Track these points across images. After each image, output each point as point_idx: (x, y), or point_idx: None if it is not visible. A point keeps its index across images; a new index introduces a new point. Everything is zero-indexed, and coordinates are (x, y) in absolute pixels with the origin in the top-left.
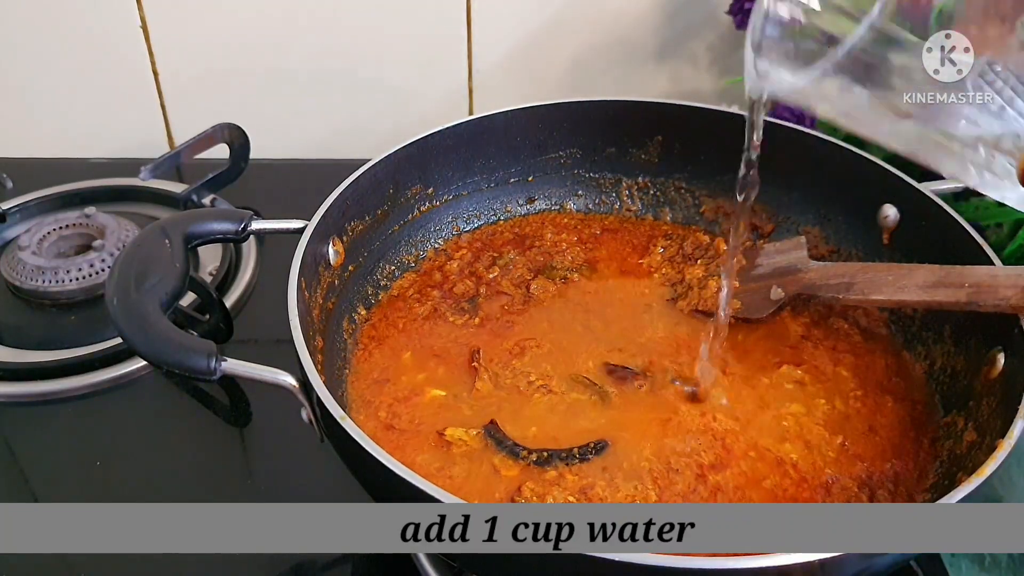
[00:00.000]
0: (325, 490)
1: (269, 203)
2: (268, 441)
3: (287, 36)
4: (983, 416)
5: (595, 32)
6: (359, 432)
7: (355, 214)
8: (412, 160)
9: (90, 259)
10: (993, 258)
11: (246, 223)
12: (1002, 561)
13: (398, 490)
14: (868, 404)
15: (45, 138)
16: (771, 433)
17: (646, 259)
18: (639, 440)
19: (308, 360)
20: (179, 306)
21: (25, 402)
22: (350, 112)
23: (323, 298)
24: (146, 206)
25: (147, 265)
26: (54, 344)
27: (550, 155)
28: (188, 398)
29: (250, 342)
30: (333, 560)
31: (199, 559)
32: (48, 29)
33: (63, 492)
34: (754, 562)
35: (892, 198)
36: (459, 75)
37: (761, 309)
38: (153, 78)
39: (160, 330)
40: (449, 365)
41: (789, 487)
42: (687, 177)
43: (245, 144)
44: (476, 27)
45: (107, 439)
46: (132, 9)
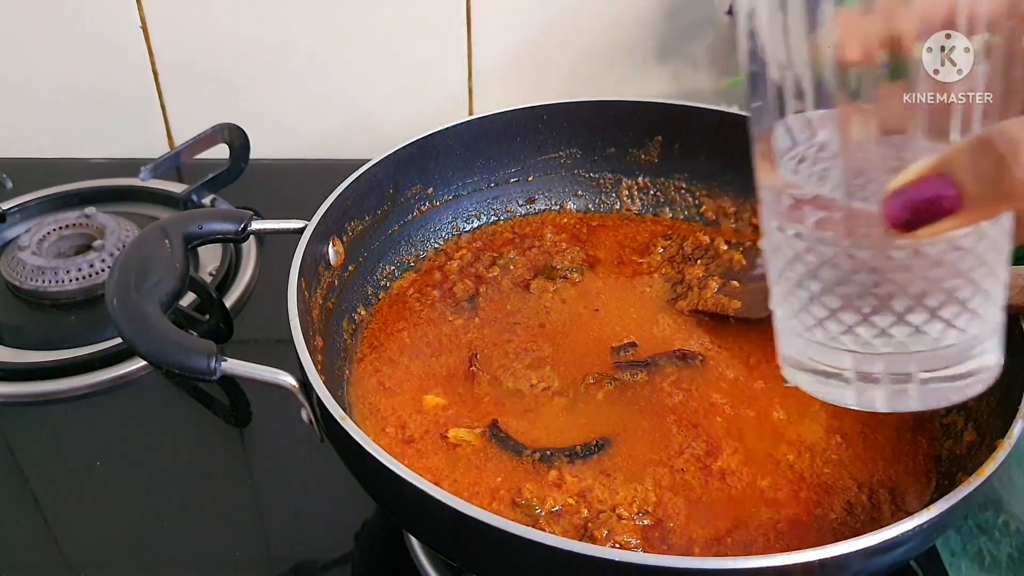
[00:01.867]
0: (325, 490)
1: (269, 203)
2: (268, 441)
3: (287, 36)
4: (983, 416)
5: (595, 32)
6: (359, 432)
7: (355, 214)
8: (412, 160)
9: (90, 259)
10: None
11: (246, 223)
12: (1002, 561)
13: (398, 490)
14: None
15: (45, 138)
16: (770, 433)
17: (646, 259)
18: (640, 438)
19: (308, 360)
20: (179, 306)
21: (25, 402)
22: (350, 112)
23: (323, 298)
24: (146, 206)
25: (147, 265)
26: (54, 344)
27: (550, 155)
28: (188, 398)
29: (250, 342)
30: (333, 560)
31: (199, 559)
32: (48, 29)
33: (63, 492)
34: (754, 562)
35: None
36: (459, 75)
37: (762, 309)
38: (153, 78)
39: (160, 330)
40: (449, 367)
41: (786, 487)
42: (687, 177)
43: (245, 144)
44: (476, 27)
45: (107, 439)
46: (132, 9)
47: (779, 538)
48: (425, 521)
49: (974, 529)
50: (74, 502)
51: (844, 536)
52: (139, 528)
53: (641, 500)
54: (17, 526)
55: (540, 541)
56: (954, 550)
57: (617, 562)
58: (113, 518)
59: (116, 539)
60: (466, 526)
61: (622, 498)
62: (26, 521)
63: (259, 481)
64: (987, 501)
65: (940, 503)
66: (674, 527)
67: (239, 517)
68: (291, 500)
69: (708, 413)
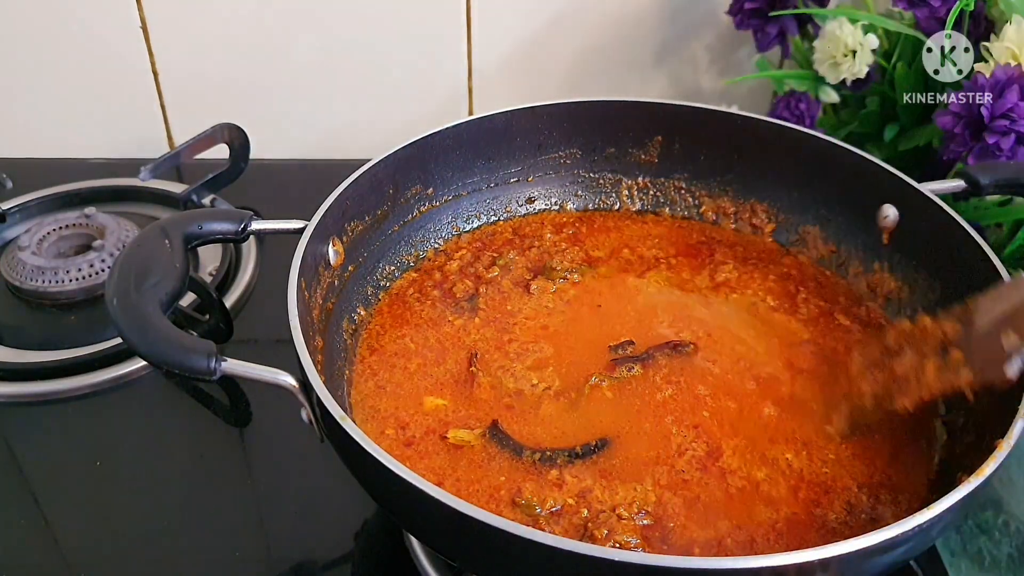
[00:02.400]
0: (325, 490)
1: (269, 203)
2: (268, 441)
3: (287, 36)
4: (983, 416)
5: (595, 32)
6: (359, 432)
7: (355, 214)
8: (412, 160)
9: (90, 259)
10: (993, 258)
11: (246, 223)
12: (1002, 561)
13: (398, 490)
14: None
15: (45, 138)
16: (768, 432)
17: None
18: (640, 438)
19: (308, 360)
20: (179, 306)
21: (25, 402)
22: (350, 112)
23: (323, 298)
24: (146, 206)
25: (147, 265)
26: (54, 344)
27: (550, 155)
28: (188, 398)
29: (250, 342)
30: (333, 560)
31: (199, 559)
32: (48, 29)
33: (63, 492)
34: (753, 562)
35: (892, 198)
36: (459, 75)
37: (997, 366)
38: (153, 78)
39: (160, 330)
40: (449, 367)
41: (786, 487)
42: (687, 177)
43: (245, 144)
44: (476, 27)
45: (107, 439)
46: (132, 9)
47: (778, 538)
48: (425, 521)
49: (974, 529)
50: (74, 502)
51: (844, 536)
52: (139, 528)
53: (641, 500)
54: (17, 526)
55: (540, 541)
56: (954, 550)
57: (617, 562)
58: (113, 518)
59: (116, 539)
60: (466, 526)
61: (622, 498)
62: (26, 521)
63: (259, 481)
64: (987, 501)
65: (940, 503)
66: (674, 527)
67: (239, 517)
68: (291, 500)
69: (699, 409)
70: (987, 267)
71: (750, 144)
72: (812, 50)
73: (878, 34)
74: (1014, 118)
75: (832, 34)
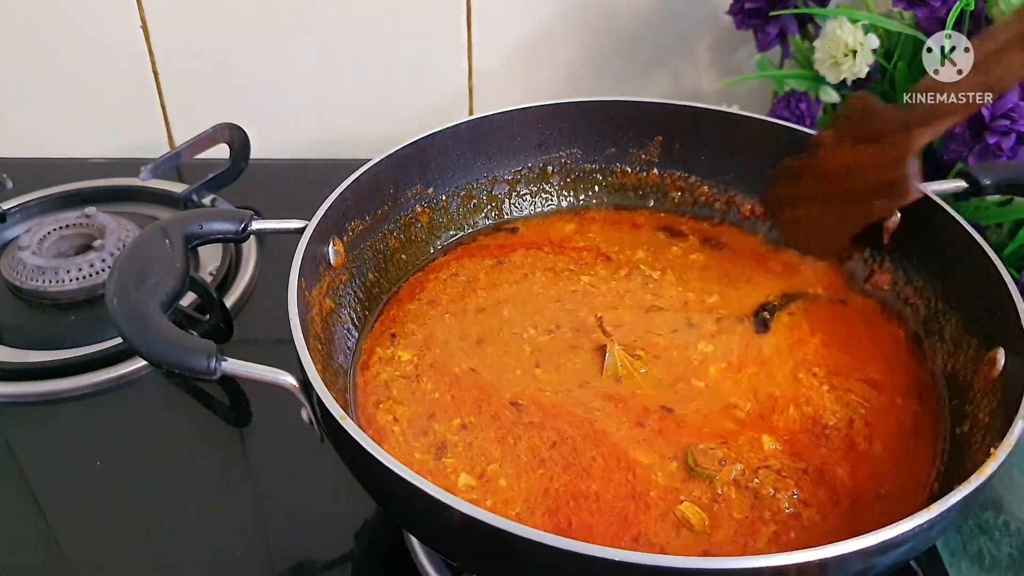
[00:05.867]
0: (325, 490)
1: (269, 203)
2: (268, 441)
3: (287, 36)
4: (983, 416)
5: (595, 32)
6: (359, 432)
7: (355, 214)
8: (412, 160)
9: (90, 259)
10: (993, 258)
11: (246, 223)
12: (1002, 561)
13: (398, 490)
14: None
15: (45, 138)
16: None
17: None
18: None
19: (308, 360)
20: (179, 306)
21: (25, 402)
22: (350, 112)
23: (323, 298)
24: (146, 206)
25: (147, 265)
26: (54, 344)
27: (550, 155)
28: (188, 398)
29: (250, 342)
30: (333, 560)
31: (199, 559)
32: (48, 29)
33: (63, 492)
34: (753, 562)
35: None
36: (459, 75)
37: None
38: (153, 78)
39: (160, 330)
40: (449, 367)
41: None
42: (687, 177)
43: (245, 144)
44: (476, 27)
45: (107, 439)
46: (132, 9)
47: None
48: (425, 521)
49: (974, 529)
50: (74, 502)
51: (844, 536)
52: (139, 528)
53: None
54: (17, 526)
55: (540, 541)
56: (954, 550)
57: (617, 562)
58: (113, 518)
59: (116, 539)
60: (466, 526)
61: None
62: (26, 521)
63: (259, 481)
64: (987, 501)
65: (940, 503)
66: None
67: (239, 517)
68: (291, 500)
69: (706, 410)
70: (987, 267)
71: (750, 144)
72: (812, 50)
73: (878, 34)
74: (1014, 118)
75: (832, 34)
